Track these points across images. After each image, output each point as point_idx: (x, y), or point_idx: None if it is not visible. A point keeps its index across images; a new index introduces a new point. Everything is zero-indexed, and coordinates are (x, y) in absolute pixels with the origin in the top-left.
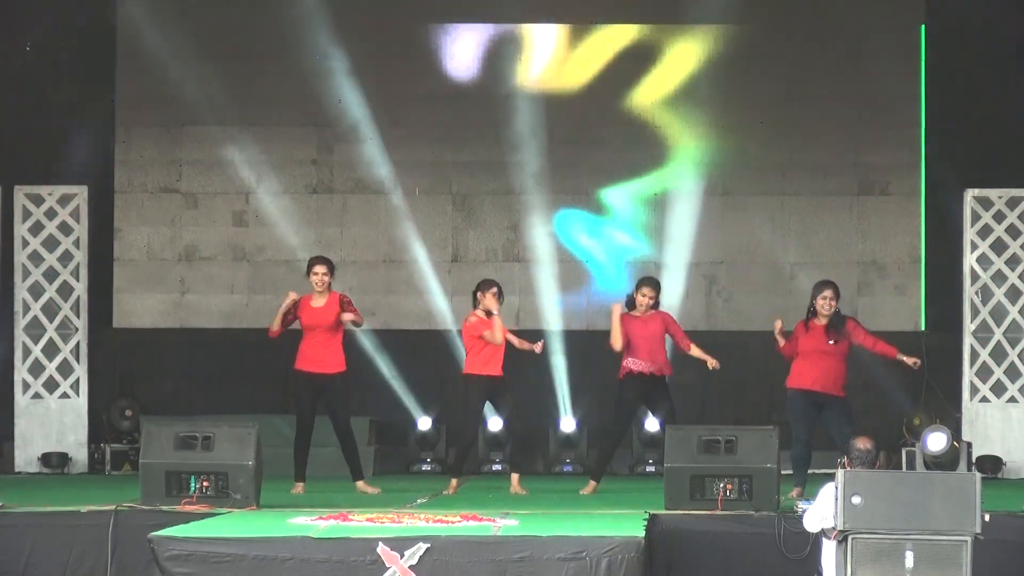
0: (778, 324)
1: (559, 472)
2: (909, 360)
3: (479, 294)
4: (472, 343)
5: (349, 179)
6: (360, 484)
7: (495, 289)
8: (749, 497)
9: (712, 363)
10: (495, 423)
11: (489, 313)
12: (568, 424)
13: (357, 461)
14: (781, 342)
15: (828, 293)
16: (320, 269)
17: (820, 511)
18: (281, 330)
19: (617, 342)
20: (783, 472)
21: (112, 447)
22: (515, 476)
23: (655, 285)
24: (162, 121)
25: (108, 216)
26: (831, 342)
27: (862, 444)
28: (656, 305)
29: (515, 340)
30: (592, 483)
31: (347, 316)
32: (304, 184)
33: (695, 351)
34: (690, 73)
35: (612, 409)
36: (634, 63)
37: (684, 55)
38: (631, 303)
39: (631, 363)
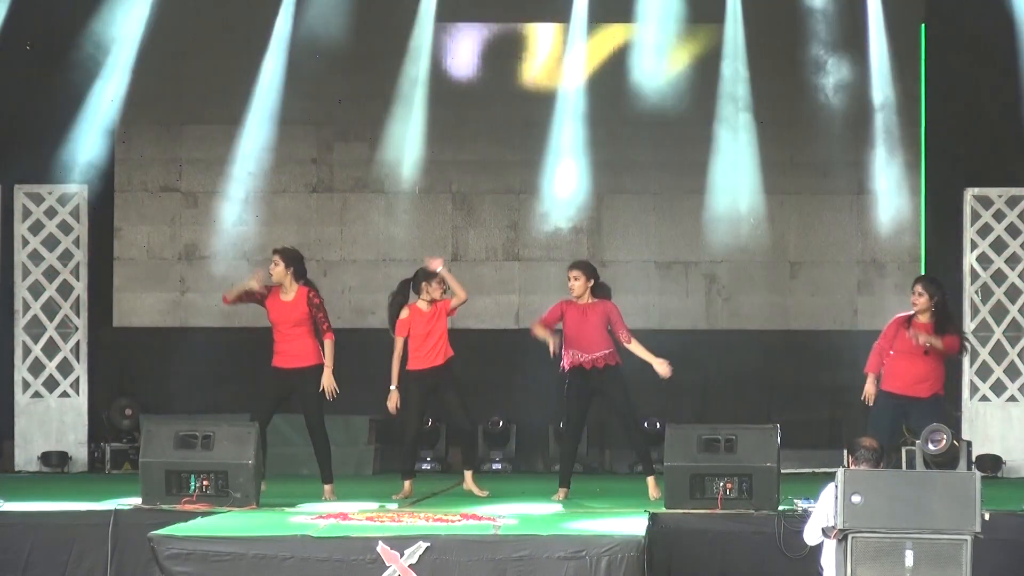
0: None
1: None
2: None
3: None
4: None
5: (349, 178)
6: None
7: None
8: (749, 496)
9: (662, 369)
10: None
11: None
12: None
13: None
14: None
15: (917, 288)
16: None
17: (823, 513)
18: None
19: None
20: (783, 471)
21: (112, 446)
22: (468, 473)
23: (584, 267)
24: (162, 121)
25: (108, 215)
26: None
27: (867, 442)
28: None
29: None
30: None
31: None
32: (304, 183)
33: (637, 348)
34: (690, 73)
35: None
36: (634, 63)
37: (684, 55)
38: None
39: (572, 355)
